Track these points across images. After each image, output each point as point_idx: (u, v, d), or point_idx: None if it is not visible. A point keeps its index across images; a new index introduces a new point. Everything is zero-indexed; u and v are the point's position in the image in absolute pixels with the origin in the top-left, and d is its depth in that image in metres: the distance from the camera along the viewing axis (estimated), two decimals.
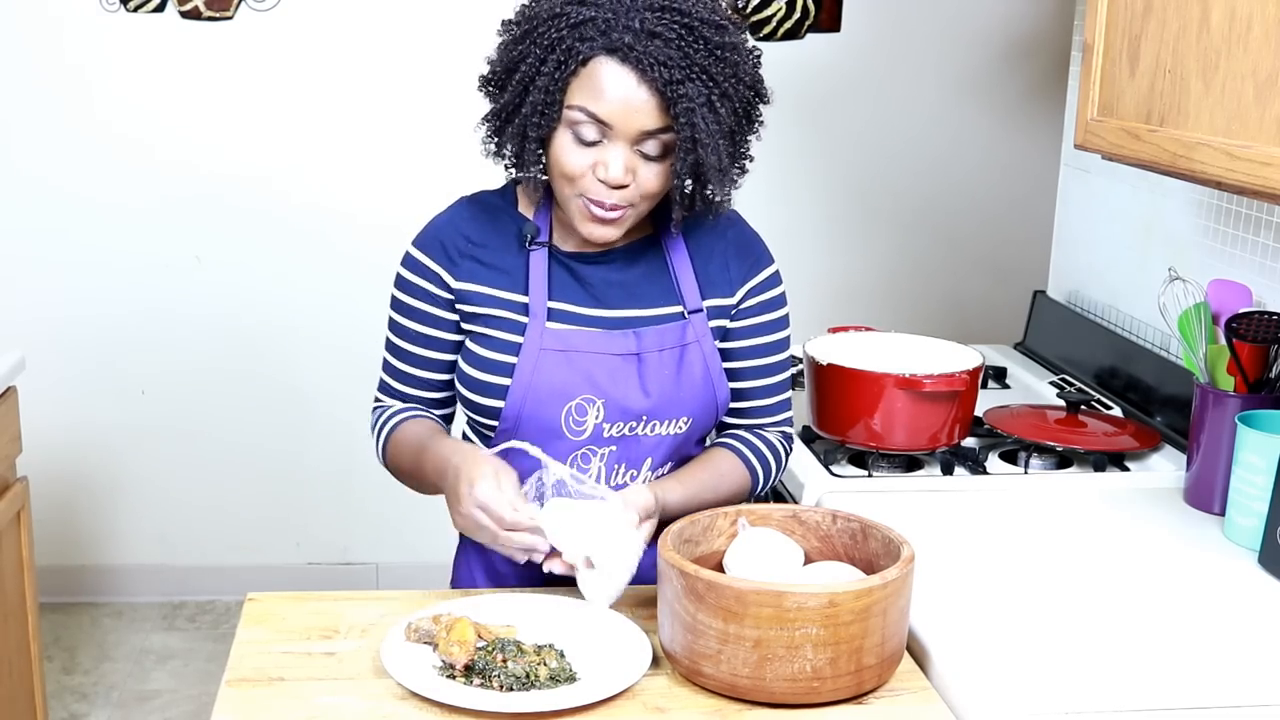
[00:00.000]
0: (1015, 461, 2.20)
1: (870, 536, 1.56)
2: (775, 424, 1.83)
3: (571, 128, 1.57)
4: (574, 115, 1.56)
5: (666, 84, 1.52)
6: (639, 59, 1.52)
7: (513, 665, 1.42)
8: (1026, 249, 3.64)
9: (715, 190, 1.62)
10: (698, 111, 1.53)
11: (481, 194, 1.77)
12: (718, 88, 1.55)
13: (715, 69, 1.54)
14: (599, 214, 1.60)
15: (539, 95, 1.56)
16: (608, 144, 1.57)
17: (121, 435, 3.74)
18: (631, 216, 1.63)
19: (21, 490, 2.56)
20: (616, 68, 1.53)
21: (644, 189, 1.60)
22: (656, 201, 1.64)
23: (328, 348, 3.71)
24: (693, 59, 1.53)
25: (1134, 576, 1.75)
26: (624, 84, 1.53)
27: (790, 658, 1.38)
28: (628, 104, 1.54)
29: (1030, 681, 1.45)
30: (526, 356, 1.67)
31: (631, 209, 1.62)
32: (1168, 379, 2.33)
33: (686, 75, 1.52)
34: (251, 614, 1.61)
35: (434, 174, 3.39)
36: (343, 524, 3.87)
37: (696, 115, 1.53)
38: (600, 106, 1.54)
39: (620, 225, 1.63)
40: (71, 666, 3.44)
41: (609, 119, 1.54)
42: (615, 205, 1.59)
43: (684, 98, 1.52)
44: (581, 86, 1.55)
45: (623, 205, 1.60)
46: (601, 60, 1.53)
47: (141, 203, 3.60)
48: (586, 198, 1.60)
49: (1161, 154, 1.76)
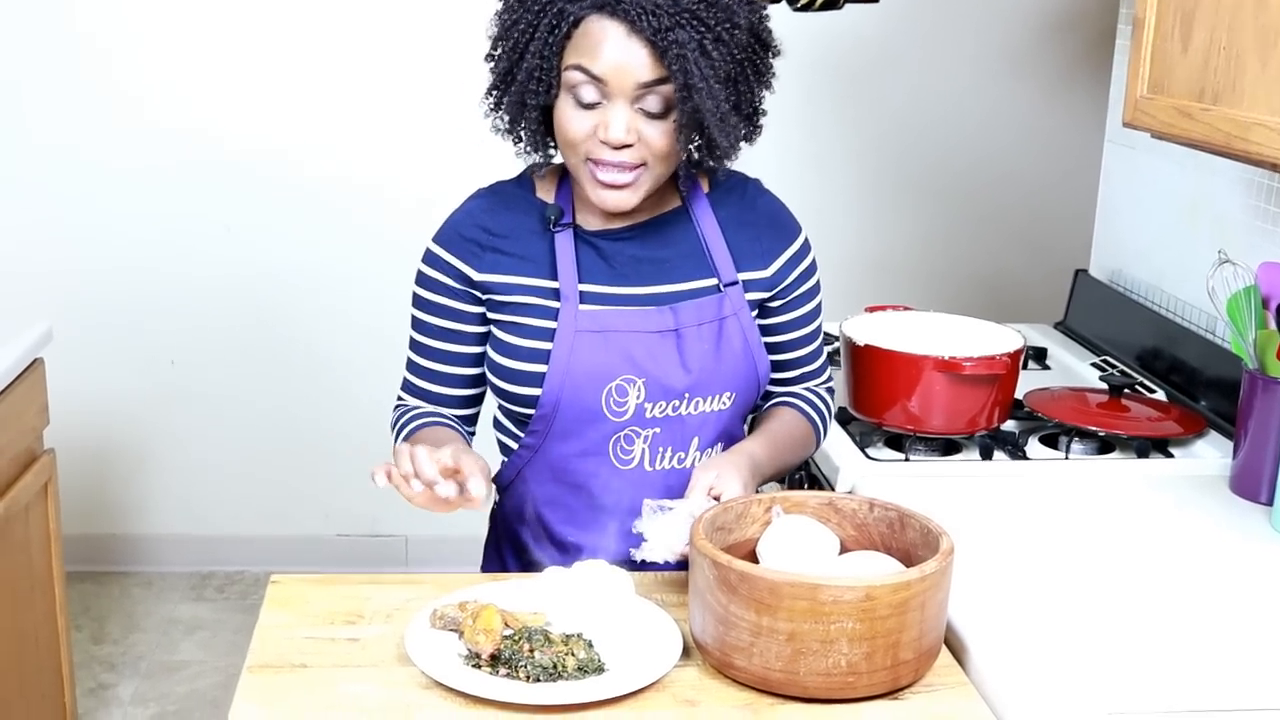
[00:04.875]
0: (1056, 446, 2.15)
1: (908, 526, 1.52)
2: (822, 382, 1.86)
3: (571, 91, 1.55)
4: (571, 77, 1.55)
5: (656, 32, 1.50)
6: (627, 11, 1.51)
7: (539, 655, 1.38)
8: (1067, 226, 3.57)
9: (719, 140, 1.58)
10: (690, 57, 1.51)
11: (498, 184, 1.74)
12: (710, 32, 1.52)
13: (706, 14, 1.52)
14: (607, 178, 1.57)
15: (534, 60, 1.55)
16: (608, 104, 1.55)
17: (151, 405, 3.72)
18: (646, 180, 1.59)
19: (49, 462, 2.55)
20: (607, 23, 1.52)
21: (652, 148, 1.57)
22: (671, 165, 1.61)
23: (357, 318, 3.68)
24: (682, 5, 1.51)
25: (1178, 568, 1.70)
26: (616, 37, 1.52)
27: (825, 652, 1.34)
28: (621, 57, 1.52)
29: (1071, 678, 1.41)
30: (562, 340, 1.63)
31: (644, 171, 1.58)
32: (1213, 362, 2.27)
33: (676, 22, 1.51)
34: (275, 597, 1.58)
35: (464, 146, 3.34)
36: (372, 495, 3.79)
37: (690, 61, 1.51)
38: (595, 64, 1.52)
39: (634, 190, 1.59)
40: (100, 636, 3.44)
41: (605, 75, 1.53)
42: (623, 166, 1.56)
43: (675, 44, 1.50)
44: (576, 47, 1.54)
45: (631, 165, 1.57)
46: (592, 18, 1.53)
47: (170, 173, 3.57)
48: (593, 161, 1.57)
49: (1215, 134, 1.70)
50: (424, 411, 1.75)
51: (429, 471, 1.45)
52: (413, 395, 1.77)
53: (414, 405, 1.77)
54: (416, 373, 1.76)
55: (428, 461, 1.46)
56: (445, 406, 1.76)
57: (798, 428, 1.78)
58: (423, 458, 1.46)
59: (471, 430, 1.81)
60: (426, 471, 1.45)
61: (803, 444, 1.79)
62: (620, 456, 1.67)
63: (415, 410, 1.75)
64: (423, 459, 1.46)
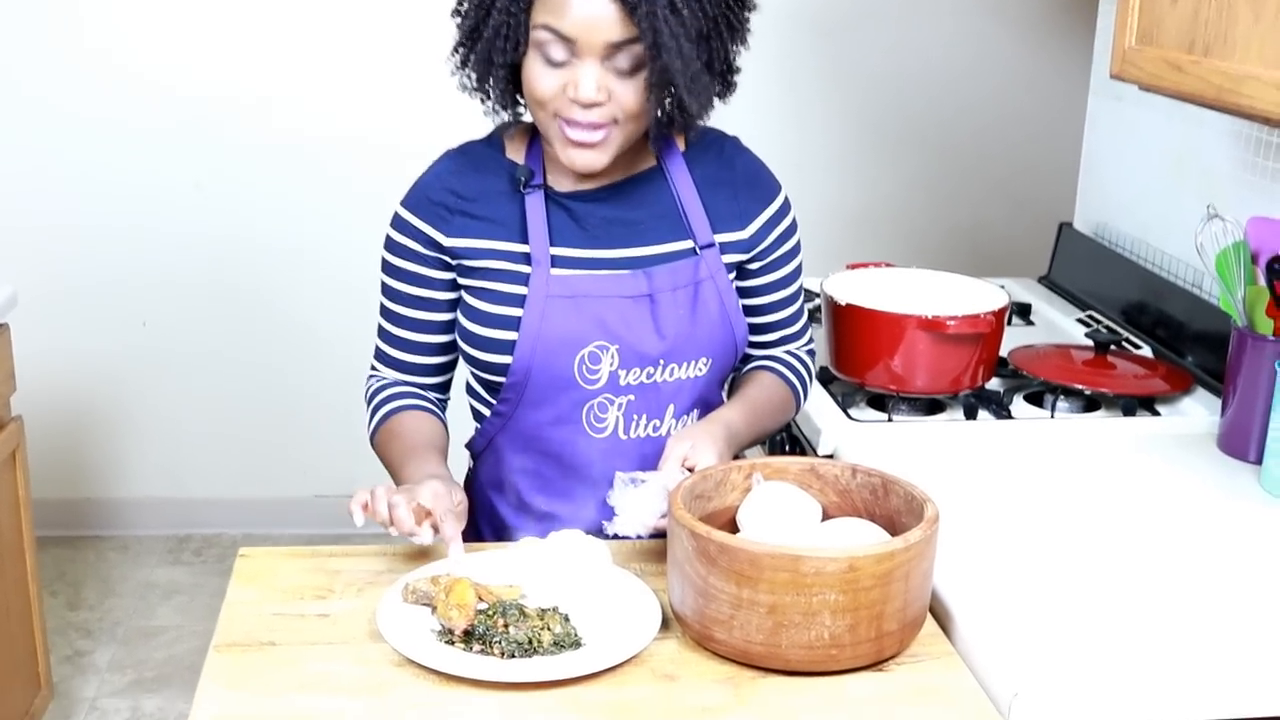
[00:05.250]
0: (1041, 404, 2.12)
1: (891, 492, 1.48)
2: (803, 344, 1.81)
3: (539, 49, 1.50)
4: (539, 35, 1.49)
5: None
6: None
7: (514, 630, 1.35)
8: (1051, 178, 3.52)
9: (689, 101, 1.53)
10: (660, 15, 1.45)
11: (467, 144, 1.69)
12: None
13: None
14: (577, 137, 1.52)
15: (501, 18, 1.50)
16: (577, 62, 1.49)
17: (123, 367, 3.67)
18: (617, 138, 1.54)
19: (16, 430, 2.50)
20: None
21: (622, 106, 1.51)
22: (642, 124, 1.55)
23: (333, 275, 3.62)
24: None
25: (1166, 529, 1.67)
26: None
27: (807, 624, 1.31)
28: (590, 16, 1.46)
29: (1059, 647, 1.38)
30: (532, 306, 1.58)
31: (615, 128, 1.53)
32: (1200, 317, 2.24)
33: None
34: (243, 571, 1.54)
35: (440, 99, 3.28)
36: (351, 455, 3.77)
37: (659, 20, 1.45)
38: (563, 23, 1.47)
39: (604, 150, 1.54)
40: (76, 602, 3.40)
41: (573, 34, 1.47)
42: (593, 124, 1.51)
43: (644, 2, 1.44)
44: (544, 5, 1.48)
45: (601, 124, 1.51)
46: None
47: (137, 129, 3.49)
48: (563, 119, 1.52)
49: (1206, 87, 1.66)
50: (401, 391, 1.70)
51: (407, 524, 1.45)
52: (385, 365, 1.73)
53: (388, 377, 1.72)
54: (388, 341, 1.71)
55: (406, 512, 1.45)
56: (418, 375, 1.72)
57: (777, 392, 1.74)
58: (400, 508, 1.45)
59: (446, 397, 1.77)
60: (405, 524, 1.45)
61: (782, 409, 1.75)
62: (594, 425, 1.63)
63: (391, 388, 1.71)
64: (400, 509, 1.45)
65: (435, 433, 1.68)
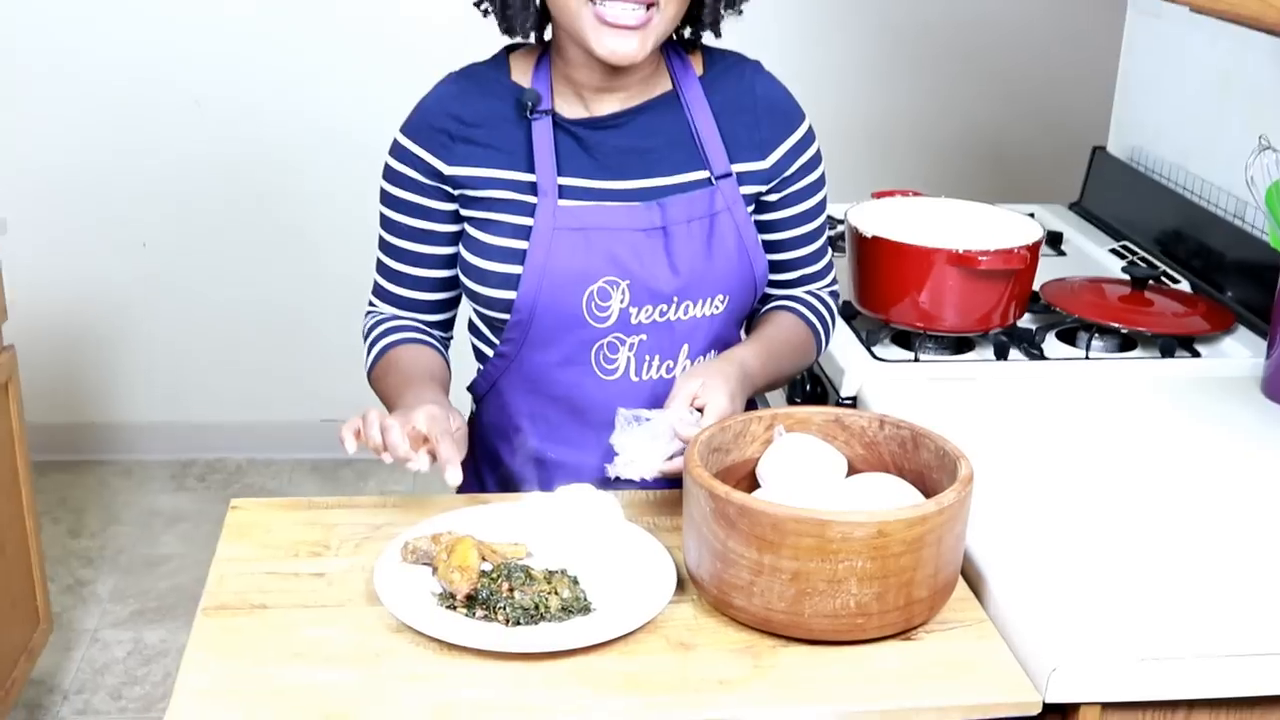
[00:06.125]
0: (1074, 343, 2.02)
1: (922, 446, 1.39)
2: (825, 285, 1.71)
3: None
4: None
5: None
6: None
7: (520, 595, 1.27)
8: (1084, 100, 3.37)
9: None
10: None
11: (470, 66, 1.58)
12: None
13: None
14: (615, 16, 1.40)
15: None
16: None
17: (124, 289, 3.58)
18: (659, 24, 1.43)
19: (9, 360, 2.41)
20: None
21: None
22: (681, 8, 1.45)
23: (337, 194, 3.51)
24: None
25: (1210, 481, 1.58)
26: None
27: (832, 592, 1.22)
28: None
29: (1098, 611, 1.28)
30: (539, 239, 1.48)
31: (655, 12, 1.42)
32: (1243, 250, 2.13)
33: None
34: (234, 525, 1.45)
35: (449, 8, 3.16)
36: (357, 378, 3.69)
37: None
38: None
39: (646, 36, 1.43)
40: (79, 529, 3.34)
41: None
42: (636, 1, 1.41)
43: None
44: None
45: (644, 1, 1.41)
46: None
47: (134, 45, 3.37)
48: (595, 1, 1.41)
49: (1268, 9, 1.54)
50: (399, 325, 1.61)
51: (401, 449, 1.35)
52: (384, 300, 1.63)
53: (386, 313, 1.63)
54: (387, 276, 1.62)
55: (400, 436, 1.35)
56: (418, 312, 1.62)
57: (796, 334, 1.64)
58: (394, 431, 1.35)
59: (448, 335, 1.68)
60: (399, 449, 1.35)
61: (801, 352, 1.65)
62: (603, 366, 1.54)
63: (389, 323, 1.61)
64: (394, 433, 1.35)
65: (435, 365, 1.59)
